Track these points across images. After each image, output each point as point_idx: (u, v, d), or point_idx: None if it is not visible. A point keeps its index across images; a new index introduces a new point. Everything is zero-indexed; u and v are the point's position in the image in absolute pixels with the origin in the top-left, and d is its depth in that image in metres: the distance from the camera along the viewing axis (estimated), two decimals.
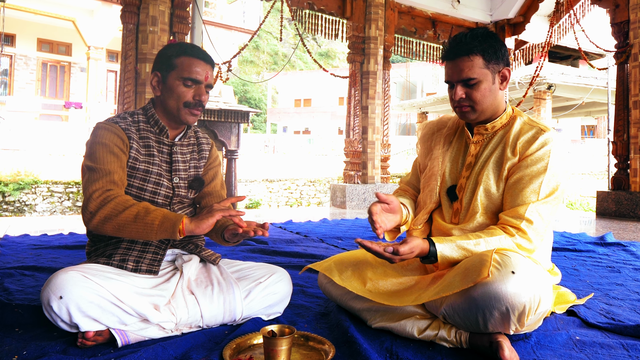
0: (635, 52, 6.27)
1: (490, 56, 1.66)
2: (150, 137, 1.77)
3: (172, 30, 5.73)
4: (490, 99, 1.70)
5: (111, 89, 22.39)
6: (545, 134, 1.65)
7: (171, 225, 1.50)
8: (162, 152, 1.79)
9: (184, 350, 1.51)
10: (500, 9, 8.53)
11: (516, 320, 1.39)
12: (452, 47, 1.69)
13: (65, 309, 1.44)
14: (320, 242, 3.88)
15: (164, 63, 1.74)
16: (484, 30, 1.70)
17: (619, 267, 2.89)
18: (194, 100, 1.74)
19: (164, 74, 1.74)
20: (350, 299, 1.80)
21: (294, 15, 6.97)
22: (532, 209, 1.59)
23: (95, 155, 1.63)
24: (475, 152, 1.79)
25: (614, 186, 6.58)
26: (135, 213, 1.51)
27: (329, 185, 13.86)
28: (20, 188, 11.20)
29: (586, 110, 20.72)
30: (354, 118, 7.47)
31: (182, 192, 1.82)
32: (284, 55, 40.36)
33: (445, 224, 1.78)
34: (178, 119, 1.77)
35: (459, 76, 1.66)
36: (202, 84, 1.75)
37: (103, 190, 1.56)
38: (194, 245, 1.87)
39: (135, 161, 1.71)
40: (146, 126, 1.78)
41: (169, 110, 1.76)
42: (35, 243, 3.58)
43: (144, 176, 1.72)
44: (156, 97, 1.79)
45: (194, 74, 1.72)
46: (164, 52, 1.77)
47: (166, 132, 1.80)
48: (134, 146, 1.71)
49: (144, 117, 1.80)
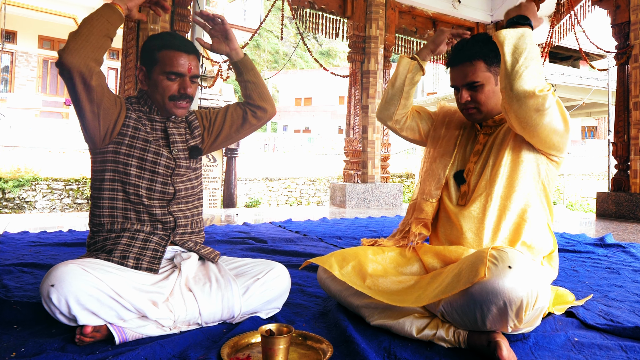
0: (635, 53, 6.26)
1: (491, 60, 1.77)
2: (142, 117, 1.79)
3: (172, 29, 5.73)
4: (494, 100, 1.82)
5: (112, 86, 22.37)
6: None
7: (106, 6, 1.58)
8: (156, 129, 1.81)
9: (182, 348, 1.51)
10: (501, 9, 8.52)
11: (514, 316, 1.39)
12: (455, 54, 1.82)
13: (64, 302, 1.44)
14: (319, 241, 3.88)
15: (148, 57, 1.75)
16: (484, 36, 1.81)
17: (618, 269, 2.89)
18: (179, 94, 1.75)
19: (148, 69, 1.76)
20: (350, 294, 1.81)
21: (294, 14, 6.96)
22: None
23: None
24: (483, 140, 1.89)
25: (614, 187, 6.58)
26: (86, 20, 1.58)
27: (329, 185, 13.86)
28: (20, 185, 11.21)
29: (587, 111, 20.74)
30: (354, 117, 7.47)
31: (183, 163, 1.85)
32: (284, 53, 40.33)
33: (454, 207, 1.85)
34: (166, 112, 1.81)
35: (464, 80, 1.79)
36: (186, 76, 1.75)
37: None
38: (193, 243, 1.87)
39: (136, 130, 1.74)
40: (138, 106, 1.81)
41: (156, 103, 1.79)
42: (35, 240, 3.58)
43: (144, 146, 1.75)
44: (144, 90, 1.82)
45: (176, 67, 1.72)
46: (147, 46, 1.77)
47: (157, 111, 1.82)
48: (132, 116, 1.74)
49: (137, 100, 1.83)
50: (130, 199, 1.73)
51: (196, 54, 1.79)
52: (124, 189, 1.73)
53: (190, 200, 1.90)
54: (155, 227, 1.77)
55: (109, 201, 1.73)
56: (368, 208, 7.28)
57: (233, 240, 3.69)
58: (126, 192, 1.73)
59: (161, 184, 1.78)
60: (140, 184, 1.74)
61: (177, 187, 1.82)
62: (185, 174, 1.86)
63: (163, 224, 1.78)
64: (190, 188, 1.89)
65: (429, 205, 1.93)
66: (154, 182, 1.76)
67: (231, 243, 3.61)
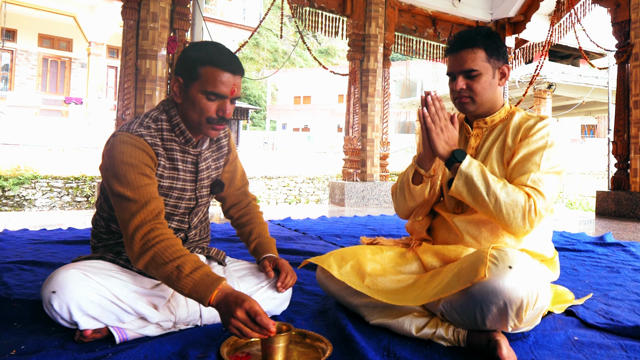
0: (636, 51, 6.26)
1: (492, 51, 1.74)
2: (174, 149, 1.64)
3: (172, 27, 5.73)
4: (489, 93, 1.76)
5: (111, 84, 22.37)
6: (545, 120, 1.72)
7: (198, 298, 1.39)
8: (187, 161, 1.68)
9: (182, 346, 1.51)
10: (501, 8, 8.51)
11: (514, 316, 1.39)
12: (456, 40, 1.76)
13: (65, 308, 1.43)
14: (318, 240, 3.87)
15: (187, 70, 1.55)
16: (487, 29, 1.77)
17: (618, 268, 2.89)
18: (217, 116, 1.56)
19: (187, 82, 1.56)
20: (349, 294, 1.80)
21: (294, 13, 6.96)
22: (534, 177, 1.62)
23: (127, 179, 1.49)
24: (475, 144, 1.84)
25: (613, 186, 6.58)
26: (168, 275, 1.40)
27: (328, 183, 13.85)
28: (19, 183, 11.20)
29: (586, 109, 20.74)
30: (353, 116, 7.47)
31: (203, 201, 1.79)
32: (284, 52, 40.28)
33: (449, 214, 1.81)
34: (199, 132, 1.64)
35: (462, 67, 1.73)
36: (227, 98, 1.56)
37: (144, 231, 1.45)
38: (200, 249, 1.87)
39: (160, 178, 1.62)
40: (170, 135, 1.63)
41: (190, 122, 1.61)
42: (35, 238, 3.58)
43: (167, 192, 1.65)
44: (176, 104, 1.64)
45: (218, 88, 1.52)
46: (188, 56, 1.56)
47: (192, 143, 1.67)
48: (161, 163, 1.61)
49: (168, 124, 1.63)
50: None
51: (242, 74, 1.60)
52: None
53: (202, 215, 1.88)
54: None
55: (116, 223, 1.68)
56: (367, 206, 7.28)
57: (232, 239, 3.68)
58: None
59: (177, 222, 1.75)
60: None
61: (192, 223, 1.80)
62: (201, 209, 1.83)
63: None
64: (202, 214, 1.87)
65: (417, 224, 1.93)
66: (170, 219, 1.72)
67: (230, 241, 3.61)
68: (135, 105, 5.59)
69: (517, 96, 13.52)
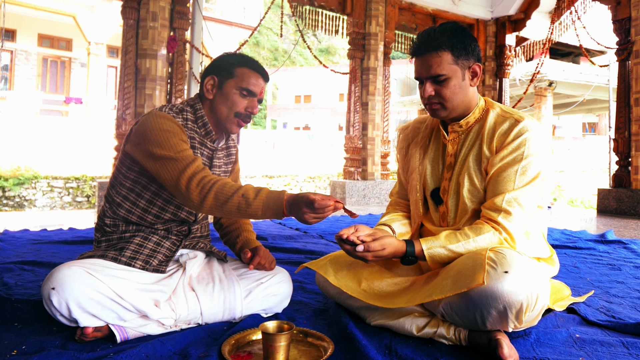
0: (636, 49, 6.25)
1: (459, 52, 1.61)
2: (195, 138, 1.76)
3: (172, 26, 5.72)
4: (460, 96, 1.65)
5: (111, 84, 22.35)
6: (521, 124, 1.61)
7: (274, 213, 1.51)
8: (203, 154, 1.80)
9: (183, 345, 1.51)
10: (501, 6, 8.50)
11: (514, 318, 1.39)
12: (420, 42, 1.64)
13: (64, 305, 1.44)
14: (319, 239, 3.87)
15: (224, 69, 1.76)
16: (453, 25, 1.64)
17: (619, 265, 2.89)
18: (245, 112, 1.77)
19: (222, 80, 1.76)
20: (348, 297, 1.79)
21: (294, 12, 6.95)
22: (509, 197, 1.57)
23: (169, 143, 1.60)
24: (453, 151, 1.75)
25: (615, 184, 6.58)
26: (237, 205, 1.50)
27: (329, 182, 13.85)
28: (20, 183, 11.21)
29: (587, 107, 20.72)
30: (354, 114, 7.47)
31: None
32: (284, 51, 40.29)
33: (436, 228, 1.76)
34: (224, 127, 1.79)
35: (428, 72, 1.62)
36: (256, 96, 1.78)
37: (197, 179, 1.54)
38: (203, 245, 1.88)
39: None
40: (194, 126, 1.77)
41: (218, 115, 1.77)
42: (35, 238, 3.58)
43: None
44: (207, 99, 1.79)
45: (252, 86, 1.75)
46: (224, 59, 1.78)
47: (212, 137, 1.81)
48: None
49: (193, 116, 1.78)
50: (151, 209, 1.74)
51: (267, 80, 1.83)
52: (151, 198, 1.72)
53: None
54: (169, 231, 1.78)
55: (129, 204, 1.73)
56: (368, 205, 7.28)
57: None
58: (151, 202, 1.73)
59: (187, 212, 1.80)
60: (171, 201, 1.74)
61: (198, 217, 1.85)
62: None
63: (177, 232, 1.80)
64: None
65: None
66: (180, 208, 1.78)
67: None
68: (136, 105, 5.59)
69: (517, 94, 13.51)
